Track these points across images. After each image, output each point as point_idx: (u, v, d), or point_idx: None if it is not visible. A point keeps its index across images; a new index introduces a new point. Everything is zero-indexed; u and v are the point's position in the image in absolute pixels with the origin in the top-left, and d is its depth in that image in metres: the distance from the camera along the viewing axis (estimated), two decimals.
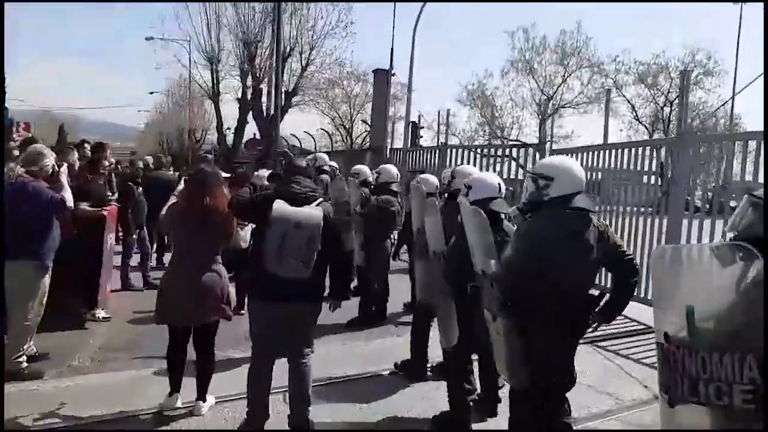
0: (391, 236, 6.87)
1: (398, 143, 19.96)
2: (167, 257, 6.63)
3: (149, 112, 54.69)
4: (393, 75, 18.88)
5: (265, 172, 4.11)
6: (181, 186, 4.37)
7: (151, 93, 46.28)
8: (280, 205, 3.56)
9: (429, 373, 4.96)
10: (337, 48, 22.04)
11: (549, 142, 12.03)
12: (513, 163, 11.00)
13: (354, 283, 7.28)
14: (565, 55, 27.76)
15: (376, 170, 6.89)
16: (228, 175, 4.91)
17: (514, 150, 11.49)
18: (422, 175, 6.84)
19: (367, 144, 21.90)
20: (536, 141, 10.70)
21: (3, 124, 13.18)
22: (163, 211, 4.19)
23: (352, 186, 6.80)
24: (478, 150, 12.47)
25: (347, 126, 35.21)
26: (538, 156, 9.99)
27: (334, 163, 8.73)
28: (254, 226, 4.00)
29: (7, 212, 4.35)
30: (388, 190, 6.60)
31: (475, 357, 4.24)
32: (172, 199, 4.24)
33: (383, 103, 17.73)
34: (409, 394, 4.68)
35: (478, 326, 3.51)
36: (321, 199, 3.76)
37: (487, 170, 10.99)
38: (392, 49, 17.33)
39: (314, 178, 4.13)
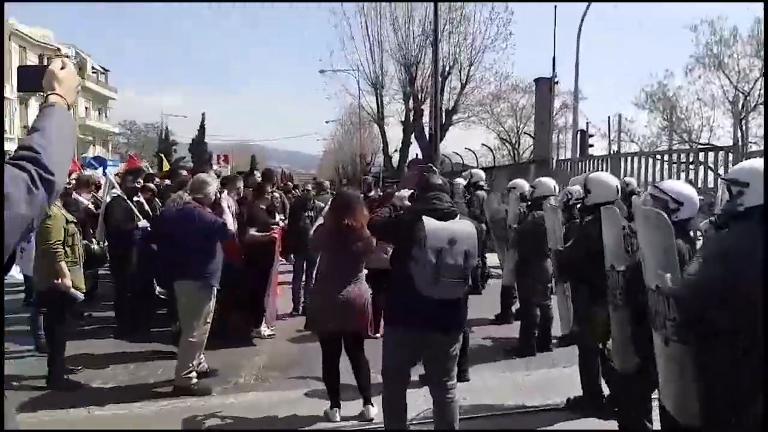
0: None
1: (568, 154, 18.86)
2: None
3: (326, 139, 58.72)
4: (556, 83, 17.93)
5: (406, 192, 3.97)
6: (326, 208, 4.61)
7: (327, 122, 49.61)
8: (430, 222, 3.31)
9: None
10: (497, 61, 21.60)
11: (745, 144, 10.39)
12: (705, 169, 9.67)
13: (515, 306, 6.88)
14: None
15: (532, 184, 6.39)
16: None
17: (703, 154, 10.08)
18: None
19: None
20: (730, 143, 9.26)
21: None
22: (311, 232, 4.48)
23: (511, 201, 6.38)
24: (659, 156, 11.18)
25: (514, 140, 34.37)
26: (732, 159, 8.66)
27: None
28: (394, 247, 3.82)
29: (176, 235, 4.79)
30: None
31: None
32: (320, 221, 4.53)
33: (547, 113, 16.87)
34: None
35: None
36: (460, 215, 3.59)
37: (671, 178, 9.81)
38: (554, 57, 16.46)
39: (465, 195, 3.90)
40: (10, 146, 34.69)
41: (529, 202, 6.29)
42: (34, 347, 5.87)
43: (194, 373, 4.94)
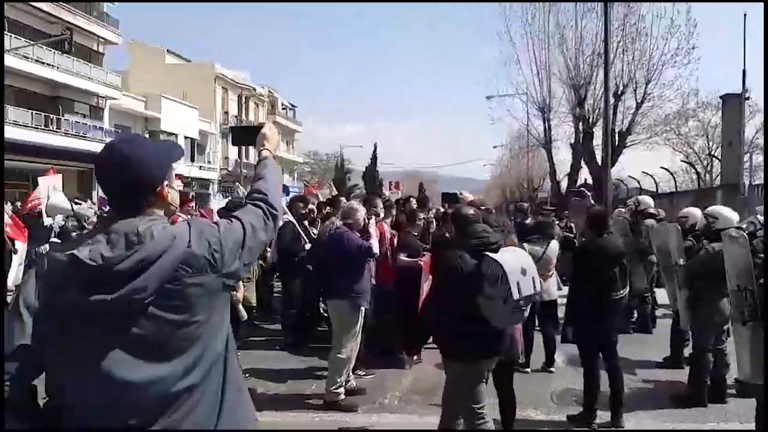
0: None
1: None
2: None
3: (493, 164, 58.35)
4: (747, 99, 15.93)
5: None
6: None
7: (494, 147, 49.34)
8: (503, 257, 3.38)
9: None
10: (678, 77, 19.70)
11: None
12: None
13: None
14: None
15: (708, 213, 5.69)
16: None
17: None
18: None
19: None
20: None
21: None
22: None
23: (671, 233, 5.79)
24: None
25: (705, 161, 31.08)
26: None
27: (658, 211, 7.65)
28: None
29: (327, 257, 5.17)
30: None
31: None
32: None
33: (736, 133, 15.02)
34: None
35: None
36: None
37: None
38: (744, 70, 14.69)
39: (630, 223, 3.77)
40: (211, 175, 39.61)
41: (697, 233, 5.66)
42: None
43: (342, 389, 5.20)
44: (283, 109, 56.58)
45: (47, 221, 9.09)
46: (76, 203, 8.35)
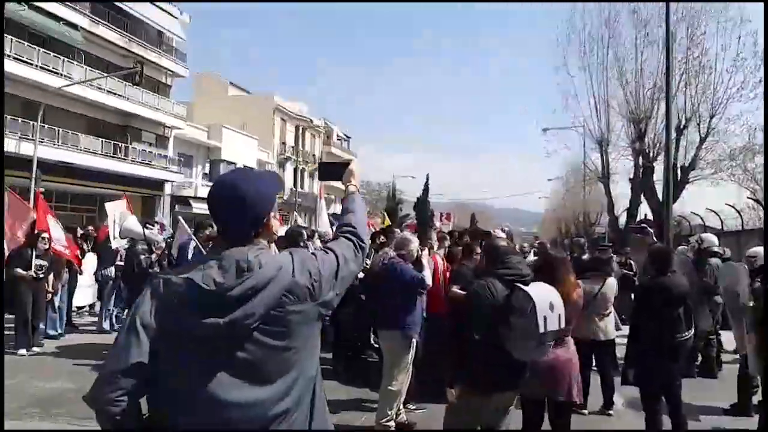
0: None
1: None
2: None
3: (548, 197, 57.39)
4: None
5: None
6: None
7: (549, 180, 48.59)
8: (534, 290, 3.38)
9: None
10: (744, 112, 19.05)
11: None
12: None
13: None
14: None
15: None
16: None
17: None
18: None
19: None
20: None
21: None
22: None
23: (740, 273, 5.54)
24: None
25: None
26: None
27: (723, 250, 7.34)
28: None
29: (380, 288, 5.20)
30: None
31: None
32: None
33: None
34: None
35: None
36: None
37: None
38: None
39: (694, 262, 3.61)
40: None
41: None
42: None
43: (392, 423, 5.15)
44: (338, 139, 57.70)
45: (114, 244, 9.51)
46: (147, 228, 8.74)
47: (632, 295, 9.90)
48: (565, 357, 3.97)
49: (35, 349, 8.12)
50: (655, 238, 8.05)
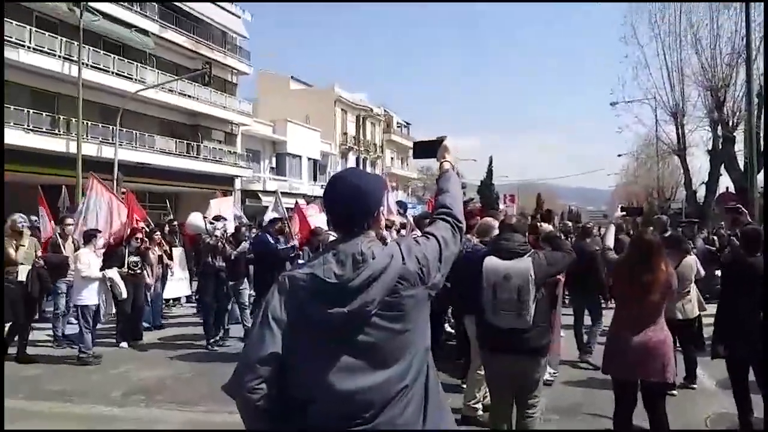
0: None
1: None
2: None
3: (618, 174, 55.40)
4: None
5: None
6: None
7: (619, 155, 46.85)
8: (490, 260, 3.90)
9: None
10: None
11: None
12: None
13: None
14: None
15: None
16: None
17: None
18: None
19: None
20: None
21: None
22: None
23: None
24: None
25: None
26: None
27: None
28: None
29: (465, 274, 5.23)
30: None
31: None
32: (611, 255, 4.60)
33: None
34: None
35: None
36: (533, 252, 3.95)
37: None
38: None
39: None
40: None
41: None
42: None
43: (480, 405, 5.23)
44: (398, 126, 57.75)
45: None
46: (211, 223, 9.23)
47: (715, 272, 9.60)
48: (657, 338, 3.95)
49: (138, 341, 8.67)
50: (749, 218, 7.71)
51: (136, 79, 24.81)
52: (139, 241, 8.73)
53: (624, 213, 5.02)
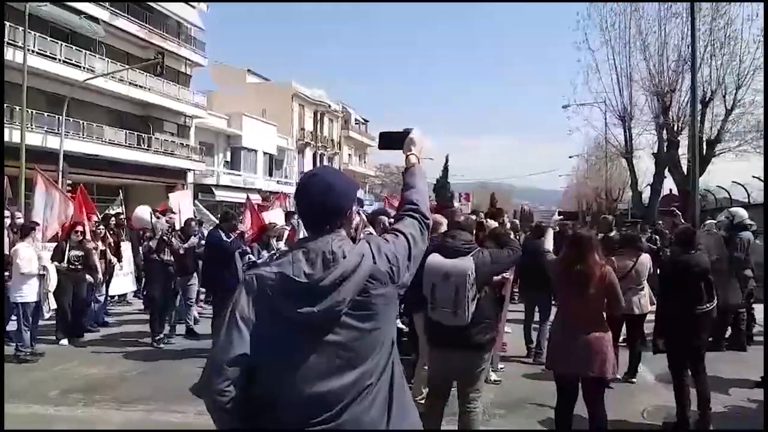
0: None
1: None
2: None
3: (569, 175, 56.80)
4: None
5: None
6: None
7: (570, 157, 48.10)
8: (432, 258, 3.90)
9: None
10: None
11: None
12: None
13: None
14: None
15: None
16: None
17: None
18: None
19: None
20: None
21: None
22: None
23: (753, 247, 5.56)
24: None
25: None
26: None
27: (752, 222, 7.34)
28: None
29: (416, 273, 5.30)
30: None
31: None
32: (550, 257, 4.63)
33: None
34: None
35: None
36: (477, 250, 3.97)
37: None
38: None
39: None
40: (288, 189, 40.88)
41: None
42: None
43: (426, 401, 5.27)
44: (356, 123, 57.66)
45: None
46: (157, 217, 9.03)
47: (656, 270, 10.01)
48: (598, 335, 4.06)
49: (79, 339, 8.37)
50: (683, 220, 8.14)
51: (84, 68, 23.98)
52: (79, 234, 8.41)
53: (561, 217, 5.18)
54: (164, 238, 8.23)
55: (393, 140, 2.27)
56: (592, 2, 22.42)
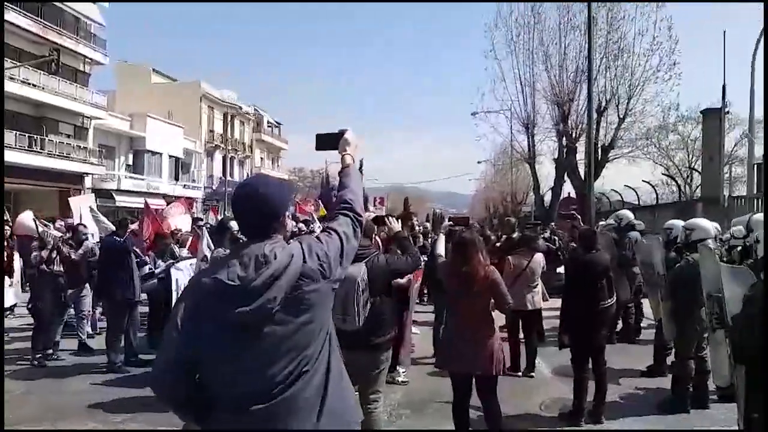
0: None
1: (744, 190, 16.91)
2: None
3: (478, 179, 58.77)
4: (727, 113, 16.30)
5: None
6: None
7: (479, 162, 49.78)
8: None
9: None
10: (659, 93, 20.04)
11: None
12: None
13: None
14: None
15: (686, 225, 5.89)
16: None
17: None
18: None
19: None
20: None
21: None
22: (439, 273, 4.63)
23: (654, 245, 5.96)
24: None
25: (686, 174, 31.66)
26: None
27: (639, 222, 7.86)
28: None
29: None
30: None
31: None
32: (441, 259, 4.75)
33: (716, 147, 15.34)
34: None
35: None
36: (374, 255, 3.96)
37: None
38: (724, 86, 15.06)
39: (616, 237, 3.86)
40: (195, 193, 39.46)
41: (679, 246, 5.83)
42: None
43: None
44: (268, 126, 56.67)
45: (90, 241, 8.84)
46: (44, 225, 8.46)
47: (557, 268, 10.54)
48: (485, 334, 4.21)
49: None
50: (582, 223, 8.60)
51: None
52: None
53: (451, 223, 5.38)
54: (58, 246, 7.67)
55: (328, 141, 2.40)
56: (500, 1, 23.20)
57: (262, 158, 54.85)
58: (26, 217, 9.11)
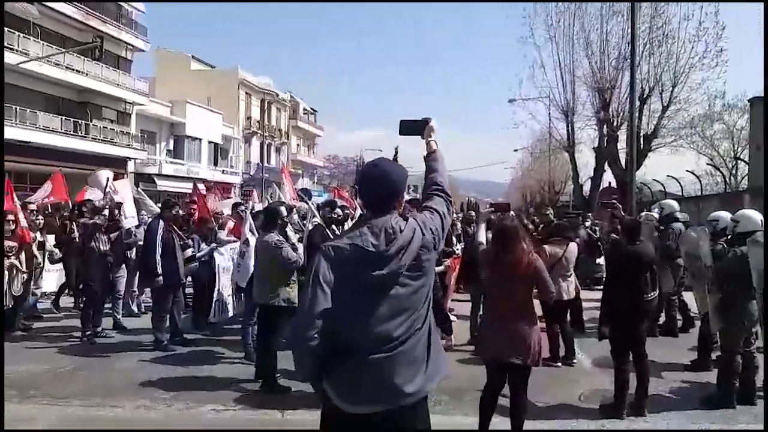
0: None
1: None
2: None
3: (514, 167, 58.06)
4: None
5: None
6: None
7: (515, 150, 49.15)
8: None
9: None
10: (705, 80, 19.38)
11: None
12: None
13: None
14: None
15: (733, 216, 5.73)
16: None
17: None
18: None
19: None
20: None
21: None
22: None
23: (701, 237, 5.79)
24: None
25: (731, 164, 30.64)
26: None
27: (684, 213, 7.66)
28: None
29: None
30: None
31: None
32: (481, 246, 4.64)
33: (762, 137, 14.78)
34: None
35: None
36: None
37: None
38: None
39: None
40: (233, 179, 40.05)
41: (728, 237, 5.67)
42: (243, 355, 6.74)
43: None
44: (304, 113, 57.05)
45: (126, 224, 8.94)
46: (115, 191, 8.85)
47: (596, 259, 10.37)
48: (525, 324, 4.12)
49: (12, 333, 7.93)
50: (623, 212, 8.44)
51: (17, 50, 22.76)
52: (12, 223, 7.96)
53: (492, 209, 5.25)
54: (112, 211, 8.04)
55: (413, 128, 2.63)
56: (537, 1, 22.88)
57: (298, 145, 55.30)
58: (103, 174, 9.28)
